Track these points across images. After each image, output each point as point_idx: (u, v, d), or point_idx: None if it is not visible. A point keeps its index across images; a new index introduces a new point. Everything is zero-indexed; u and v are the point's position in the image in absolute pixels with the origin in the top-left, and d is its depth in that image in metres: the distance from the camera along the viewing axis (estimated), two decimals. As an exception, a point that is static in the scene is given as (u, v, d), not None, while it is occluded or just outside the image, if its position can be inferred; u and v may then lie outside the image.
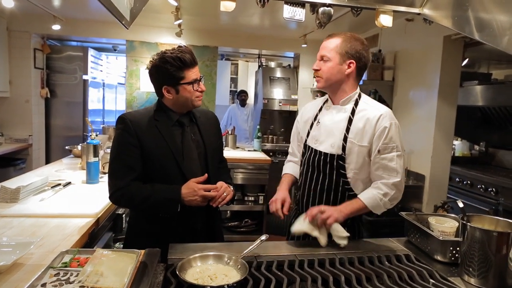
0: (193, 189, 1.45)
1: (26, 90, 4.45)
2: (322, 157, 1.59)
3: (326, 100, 1.69)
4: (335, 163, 1.56)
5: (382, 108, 1.56)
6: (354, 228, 1.61)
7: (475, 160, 4.25)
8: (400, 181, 1.50)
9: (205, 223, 1.61)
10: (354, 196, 1.56)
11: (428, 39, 3.14)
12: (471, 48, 3.16)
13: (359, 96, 1.60)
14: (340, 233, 1.44)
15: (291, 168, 1.82)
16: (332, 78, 1.55)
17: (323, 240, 1.44)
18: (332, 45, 1.54)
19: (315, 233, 1.45)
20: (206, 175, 1.50)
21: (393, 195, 1.50)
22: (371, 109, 1.55)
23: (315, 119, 1.69)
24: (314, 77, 1.64)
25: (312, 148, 1.65)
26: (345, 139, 1.54)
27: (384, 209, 1.53)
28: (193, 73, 1.50)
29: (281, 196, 1.61)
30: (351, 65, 1.54)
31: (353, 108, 1.57)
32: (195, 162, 1.56)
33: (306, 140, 1.70)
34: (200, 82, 1.54)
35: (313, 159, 1.63)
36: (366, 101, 1.60)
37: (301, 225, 1.45)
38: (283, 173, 1.83)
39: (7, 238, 1.31)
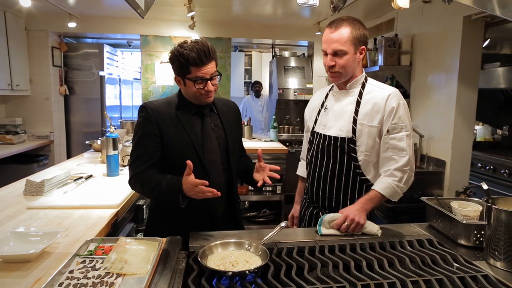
0: (188, 185, 1.35)
1: (45, 88, 4.57)
2: (332, 142, 1.58)
3: (332, 87, 1.68)
4: (345, 147, 1.55)
5: (390, 88, 1.56)
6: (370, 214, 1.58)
7: (498, 144, 4.13)
8: (409, 159, 1.51)
9: (225, 212, 1.62)
10: (366, 181, 1.56)
11: (446, 20, 3.04)
12: (492, 28, 3.03)
13: (365, 79, 1.60)
14: (371, 230, 1.44)
15: (301, 168, 1.90)
16: (350, 70, 1.54)
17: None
18: (344, 37, 1.48)
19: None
20: (206, 181, 1.34)
21: (407, 176, 1.51)
22: (378, 90, 1.56)
23: (322, 106, 1.69)
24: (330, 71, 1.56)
25: (320, 134, 1.64)
26: (354, 121, 1.54)
27: (402, 194, 1.52)
28: (199, 72, 1.42)
29: (291, 213, 1.89)
30: (363, 51, 1.54)
31: (360, 91, 1.57)
32: (215, 152, 1.55)
33: (313, 128, 1.69)
34: (210, 82, 1.45)
35: (322, 145, 1.62)
36: (373, 83, 1.60)
37: (329, 230, 1.45)
38: (297, 173, 1.92)
39: (34, 228, 1.35)
